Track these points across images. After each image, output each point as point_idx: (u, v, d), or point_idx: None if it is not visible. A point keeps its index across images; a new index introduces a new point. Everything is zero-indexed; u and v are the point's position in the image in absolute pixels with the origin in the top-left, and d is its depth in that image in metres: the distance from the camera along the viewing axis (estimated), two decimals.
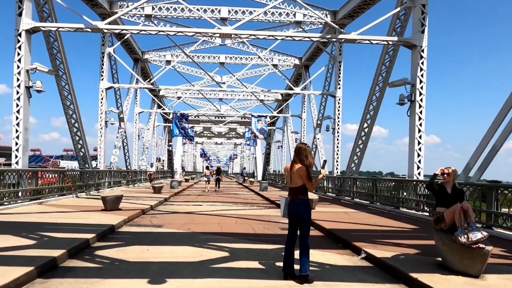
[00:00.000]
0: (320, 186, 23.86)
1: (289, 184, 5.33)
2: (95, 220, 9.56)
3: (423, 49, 13.76)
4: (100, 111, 20.81)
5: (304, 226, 5.22)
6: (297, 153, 5.26)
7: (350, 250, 7.47)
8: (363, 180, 17.22)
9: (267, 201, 18.60)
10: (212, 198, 19.51)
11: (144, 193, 20.19)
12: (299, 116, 31.09)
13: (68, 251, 6.29)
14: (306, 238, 5.21)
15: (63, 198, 14.74)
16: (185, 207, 14.97)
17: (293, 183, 5.23)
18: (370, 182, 15.81)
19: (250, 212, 13.75)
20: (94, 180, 18.75)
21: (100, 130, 20.87)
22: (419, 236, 8.71)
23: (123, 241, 7.81)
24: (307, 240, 5.21)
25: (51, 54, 15.49)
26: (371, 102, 17.07)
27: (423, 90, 13.63)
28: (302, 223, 5.21)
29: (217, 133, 51.95)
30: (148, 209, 13.18)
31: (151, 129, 35.63)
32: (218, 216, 12.21)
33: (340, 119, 21.81)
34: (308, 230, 5.26)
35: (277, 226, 10.35)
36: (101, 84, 21.00)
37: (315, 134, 26.21)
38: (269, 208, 15.39)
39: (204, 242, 7.84)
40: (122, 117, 25.04)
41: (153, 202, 14.93)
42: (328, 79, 23.78)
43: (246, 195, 23.37)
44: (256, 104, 39.87)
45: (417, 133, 13.58)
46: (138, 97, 30.22)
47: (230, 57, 29.62)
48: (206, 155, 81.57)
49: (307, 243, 5.19)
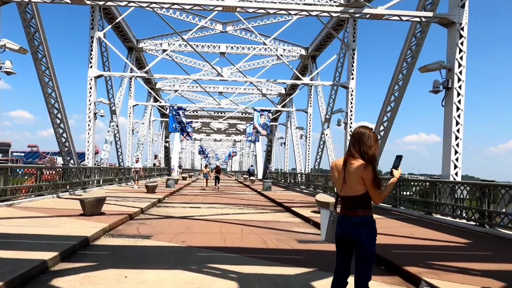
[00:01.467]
0: (325, 185, 21.99)
1: (340, 191, 3.37)
2: (66, 229, 7.61)
3: (462, 27, 11.89)
4: (88, 101, 18.80)
5: (364, 258, 3.26)
6: (357, 141, 3.30)
7: (400, 277, 5.54)
8: (384, 180, 15.31)
9: (273, 203, 16.67)
10: (211, 199, 17.57)
11: (136, 192, 18.23)
12: (305, 111, 29.09)
13: (5, 284, 4.34)
14: (366, 279, 3.26)
15: (40, 199, 12.77)
16: (181, 210, 13.02)
17: (348, 189, 3.28)
18: None
19: (256, 217, 11.82)
20: (80, 178, 16.77)
21: (88, 122, 18.87)
22: (485, 256, 6.78)
23: (96, 262, 5.87)
24: (367, 283, 3.26)
25: (28, 33, 13.47)
26: (393, 92, 15.12)
27: (463, 76, 11.72)
28: (362, 253, 3.25)
29: (216, 129, 49.95)
30: (138, 212, 11.23)
31: (146, 123, 33.53)
32: (219, 222, 10.27)
33: (353, 112, 19.86)
34: (371, 265, 3.29)
35: (291, 237, 8.43)
36: (89, 72, 18.98)
37: (323, 129, 24.26)
38: (277, 212, 13.46)
39: (202, 262, 5.91)
40: (114, 109, 23.01)
41: (144, 203, 12.97)
42: (339, 69, 21.81)
43: (248, 195, 21.44)
44: (258, 98, 37.89)
45: (454, 126, 11.67)
46: (132, 89, 28.13)
47: (231, 47, 27.58)
48: (205, 153, 79.76)
49: (367, 287, 3.25)
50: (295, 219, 11.77)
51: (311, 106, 28.75)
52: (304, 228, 9.92)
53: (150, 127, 36.53)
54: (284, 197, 18.33)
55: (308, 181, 26.56)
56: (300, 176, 30.09)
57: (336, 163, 3.46)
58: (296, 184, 30.48)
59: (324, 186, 22.68)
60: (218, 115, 44.20)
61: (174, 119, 26.60)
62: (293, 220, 11.47)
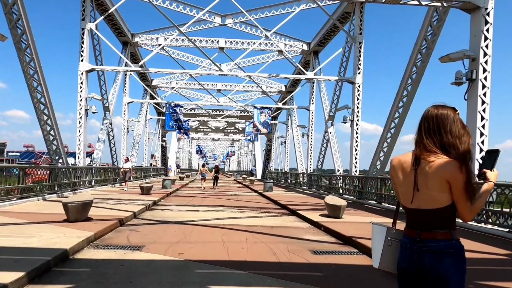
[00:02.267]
0: (329, 186, 20.99)
1: (410, 202, 2.28)
2: (42, 240, 6.50)
3: (488, 12, 10.82)
4: (79, 97, 17.67)
5: None
6: (436, 127, 2.22)
7: None
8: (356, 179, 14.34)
9: (276, 205, 15.62)
10: (210, 201, 16.49)
11: (130, 194, 17.12)
12: (307, 108, 28.01)
13: None
14: None
15: (22, 202, 11.64)
16: (177, 213, 11.94)
17: (422, 199, 2.19)
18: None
19: (261, 221, 10.76)
20: (69, 178, 15.64)
21: (79, 119, 17.74)
22: None
23: (72, 283, 4.78)
24: None
25: (9, 20, 12.32)
26: (406, 87, 14.09)
27: (488, 66, 10.65)
28: None
29: (214, 128, 48.78)
30: (129, 217, 10.14)
31: (142, 122, 32.33)
32: (221, 228, 9.20)
33: (360, 108, 18.82)
34: None
35: (304, 246, 7.39)
36: (80, 65, 17.83)
37: (327, 127, 23.21)
38: (283, 215, 12.41)
39: (203, 283, 4.85)
40: (107, 106, 21.86)
41: (137, 207, 11.88)
42: (344, 63, 20.77)
43: (249, 196, 20.38)
44: (257, 96, 36.82)
45: (479, 121, 10.60)
46: (127, 86, 26.92)
47: (230, 42, 26.45)
48: (202, 152, 78.62)
49: None
50: (303, 223, 10.72)
51: (313, 104, 27.68)
52: (316, 235, 8.87)
53: (146, 125, 35.39)
54: (287, 199, 17.29)
55: (311, 182, 25.53)
56: (302, 176, 29.04)
57: (400, 160, 2.36)
58: (298, 184, 29.43)
59: (329, 187, 21.64)
60: (216, 113, 43.09)
61: (171, 116, 25.48)
62: (301, 225, 10.42)
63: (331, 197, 11.60)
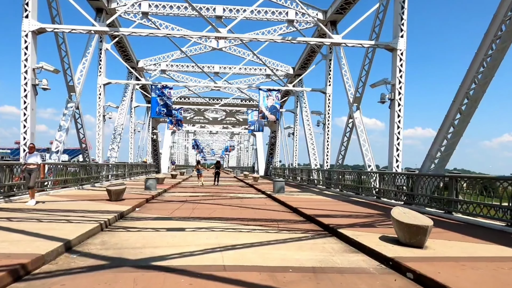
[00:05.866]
0: (357, 186, 16.29)
1: None
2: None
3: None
4: (23, 66, 12.92)
5: None
6: None
7: None
8: (402, 176, 9.80)
9: (297, 215, 11.03)
10: (204, 208, 11.80)
11: (94, 200, 12.45)
12: (323, 91, 23.22)
13: None
14: None
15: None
16: (149, 237, 7.29)
17: None
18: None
19: (289, 254, 6.14)
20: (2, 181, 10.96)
21: (24, 98, 13.01)
22: None
23: None
24: None
25: None
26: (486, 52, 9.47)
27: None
28: None
29: (212, 118, 43.95)
30: (50, 255, 5.52)
31: (125, 109, 27.42)
32: (219, 282, 4.60)
33: (403, 83, 14.24)
34: None
35: None
36: (24, 23, 13.03)
37: (352, 112, 18.53)
38: (316, 236, 7.84)
39: None
40: (72, 85, 17.03)
41: (82, 228, 7.22)
42: (376, 28, 16.05)
43: (256, 200, 15.77)
44: (261, 80, 32.01)
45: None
46: (102, 62, 21.90)
47: (229, 9, 21.63)
48: (199, 147, 74.06)
49: None
50: (361, 257, 6.18)
51: (330, 85, 22.93)
52: None
53: (132, 114, 30.58)
54: (309, 204, 12.67)
55: (329, 179, 20.85)
56: (316, 173, 24.28)
57: None
58: (311, 182, 24.77)
59: (357, 187, 16.95)
60: (213, 102, 38.28)
61: (157, 100, 20.83)
62: (362, 263, 5.83)
63: (401, 209, 7.01)
